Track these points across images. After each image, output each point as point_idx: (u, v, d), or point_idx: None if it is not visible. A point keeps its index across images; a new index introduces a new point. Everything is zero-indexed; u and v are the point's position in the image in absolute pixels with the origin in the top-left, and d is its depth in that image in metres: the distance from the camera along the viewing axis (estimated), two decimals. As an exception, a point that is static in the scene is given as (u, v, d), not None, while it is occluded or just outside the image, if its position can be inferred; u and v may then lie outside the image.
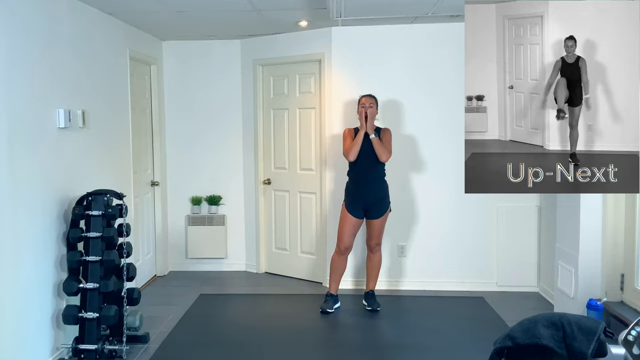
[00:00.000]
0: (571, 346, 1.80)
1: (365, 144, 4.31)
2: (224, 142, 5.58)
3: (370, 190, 4.33)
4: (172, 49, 5.53)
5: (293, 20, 4.61)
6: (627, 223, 3.51)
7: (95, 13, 4.08)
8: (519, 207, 4.85)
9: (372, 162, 4.32)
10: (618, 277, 3.56)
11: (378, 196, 4.34)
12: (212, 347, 3.80)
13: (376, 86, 4.80)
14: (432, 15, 4.42)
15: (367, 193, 4.33)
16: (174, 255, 5.66)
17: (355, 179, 4.37)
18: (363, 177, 4.34)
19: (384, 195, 4.37)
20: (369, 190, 4.33)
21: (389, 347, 3.78)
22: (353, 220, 4.36)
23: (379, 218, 4.37)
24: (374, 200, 4.34)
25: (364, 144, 4.30)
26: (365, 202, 4.34)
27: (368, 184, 4.33)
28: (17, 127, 3.05)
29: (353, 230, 4.39)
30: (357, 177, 4.36)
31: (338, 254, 4.45)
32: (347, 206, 4.38)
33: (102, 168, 4.14)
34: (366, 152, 4.31)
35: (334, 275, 4.49)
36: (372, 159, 4.31)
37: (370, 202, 4.34)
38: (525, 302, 4.62)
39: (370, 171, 4.33)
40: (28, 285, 3.17)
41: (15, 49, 3.05)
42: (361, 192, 4.34)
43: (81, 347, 3.37)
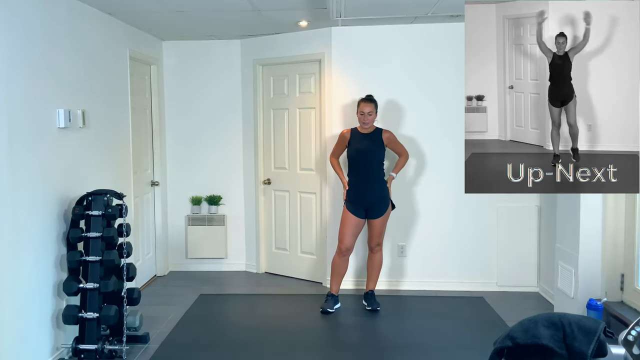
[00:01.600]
0: (571, 346, 1.80)
1: (364, 144, 4.32)
2: (224, 142, 5.58)
3: (371, 190, 4.34)
4: (172, 49, 5.53)
5: (293, 20, 4.61)
6: (627, 223, 3.51)
7: (95, 13, 4.08)
8: (519, 207, 4.85)
9: (371, 162, 4.33)
10: (618, 277, 3.56)
11: (379, 195, 4.35)
12: (212, 347, 3.80)
13: (376, 86, 4.80)
14: (432, 15, 4.42)
15: (368, 193, 4.34)
16: (174, 255, 5.66)
17: (355, 180, 4.38)
18: (363, 177, 4.35)
19: (384, 194, 4.38)
20: (369, 190, 4.34)
21: (389, 347, 3.78)
22: (354, 220, 4.36)
23: (379, 217, 4.37)
24: (374, 200, 4.34)
25: (363, 144, 4.32)
26: (366, 202, 4.35)
27: (368, 184, 4.34)
28: (17, 127, 3.05)
29: (354, 231, 4.39)
30: (358, 177, 4.37)
31: (339, 255, 4.44)
32: (348, 207, 4.38)
33: (102, 168, 4.14)
34: (365, 153, 4.32)
35: (335, 277, 4.49)
36: (371, 160, 4.33)
37: (371, 201, 4.34)
38: (525, 302, 4.62)
39: (370, 171, 4.34)
40: (28, 285, 3.17)
41: (15, 49, 3.05)
42: (362, 192, 4.34)
43: (81, 347, 3.37)
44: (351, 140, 4.40)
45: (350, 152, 4.40)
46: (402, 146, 4.48)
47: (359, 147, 4.35)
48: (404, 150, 4.48)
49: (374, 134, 4.37)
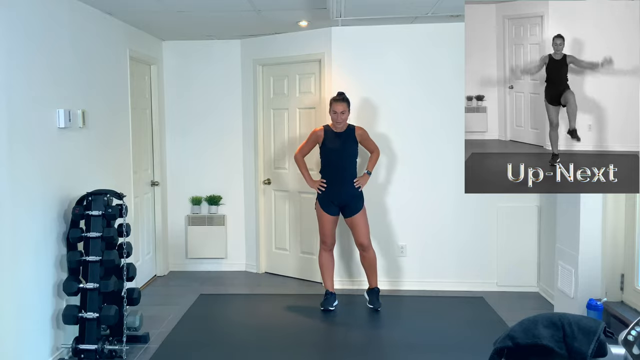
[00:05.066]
0: (571, 346, 1.80)
1: (338, 143, 4.32)
2: (224, 142, 5.58)
3: (345, 189, 4.35)
4: (172, 49, 5.53)
5: (293, 20, 4.61)
6: (627, 223, 3.51)
7: (95, 13, 4.08)
8: (519, 207, 4.85)
9: (344, 161, 4.35)
10: (618, 277, 3.56)
11: (353, 193, 4.35)
12: (212, 347, 3.80)
13: (376, 86, 4.80)
14: (432, 15, 4.42)
15: (341, 192, 4.35)
16: (174, 255, 5.66)
17: (329, 179, 4.38)
18: (336, 176, 4.35)
19: (358, 192, 4.38)
20: (343, 189, 4.35)
21: (389, 347, 3.78)
22: (330, 218, 4.40)
23: (357, 213, 4.37)
24: (349, 198, 4.35)
25: (336, 143, 4.33)
26: (341, 200, 4.36)
27: (341, 183, 4.35)
28: (17, 127, 3.05)
29: (333, 226, 4.45)
30: (331, 176, 4.38)
31: (325, 251, 4.50)
32: (321, 205, 4.40)
33: (102, 168, 4.14)
34: (339, 152, 4.33)
35: (327, 272, 4.52)
36: (345, 158, 4.34)
37: (346, 200, 4.35)
38: (525, 302, 4.62)
39: (345, 170, 4.35)
40: (28, 285, 3.18)
41: (16, 49, 3.05)
42: (336, 192, 4.35)
43: (81, 347, 3.38)
44: (325, 139, 4.38)
45: (324, 151, 4.39)
46: (373, 142, 4.48)
47: (333, 147, 4.35)
48: (375, 147, 4.48)
49: (347, 132, 4.36)
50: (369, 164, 4.47)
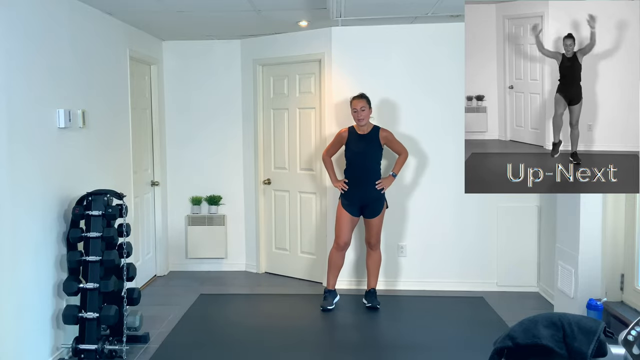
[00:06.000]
0: (571, 346, 1.80)
1: (361, 145, 4.33)
2: (224, 142, 5.58)
3: (367, 191, 4.35)
4: (172, 49, 5.53)
5: (293, 20, 4.61)
6: (627, 223, 3.51)
7: (95, 13, 4.08)
8: (519, 207, 4.85)
9: (368, 162, 4.35)
10: (618, 277, 3.56)
11: (374, 196, 4.36)
12: (212, 347, 3.80)
13: (376, 86, 4.80)
14: (432, 15, 4.42)
15: (363, 193, 4.35)
16: (174, 255, 5.66)
17: (351, 179, 4.39)
18: (359, 177, 4.36)
19: (380, 194, 4.38)
20: (365, 191, 4.35)
21: (388, 347, 3.78)
22: (350, 217, 4.40)
23: (376, 217, 4.38)
24: (370, 200, 4.36)
25: (360, 145, 4.33)
26: (362, 201, 4.36)
27: (364, 184, 4.35)
28: (17, 127, 3.05)
29: (350, 226, 4.43)
30: (354, 177, 4.38)
31: (337, 250, 4.49)
32: (343, 204, 4.40)
33: (102, 168, 4.14)
34: (362, 154, 4.33)
35: (333, 271, 4.53)
36: (368, 160, 4.34)
37: (367, 201, 4.36)
38: (525, 302, 4.62)
39: (368, 173, 4.35)
40: (28, 285, 3.17)
41: (15, 49, 3.05)
42: (358, 192, 4.36)
43: (81, 347, 3.37)
44: (349, 141, 4.40)
45: (348, 153, 4.41)
46: (400, 144, 4.48)
47: (356, 149, 4.36)
48: (403, 149, 4.48)
49: (371, 134, 4.37)
50: (396, 166, 4.47)
